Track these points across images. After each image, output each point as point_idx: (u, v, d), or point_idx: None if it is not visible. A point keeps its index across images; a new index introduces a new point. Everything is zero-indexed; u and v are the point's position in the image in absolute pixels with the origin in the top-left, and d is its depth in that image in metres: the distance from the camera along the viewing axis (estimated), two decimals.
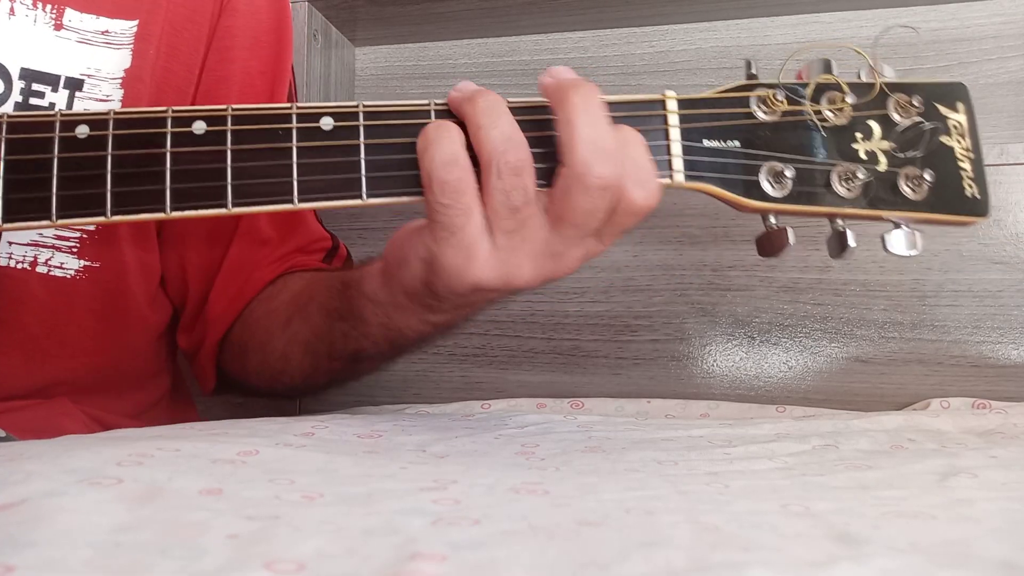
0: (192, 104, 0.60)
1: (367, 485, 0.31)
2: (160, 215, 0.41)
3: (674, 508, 0.30)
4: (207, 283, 0.65)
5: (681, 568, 0.23)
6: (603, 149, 0.40)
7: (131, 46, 0.58)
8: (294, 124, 0.42)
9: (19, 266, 0.55)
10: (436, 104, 0.43)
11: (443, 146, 0.40)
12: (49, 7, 0.55)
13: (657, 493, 0.33)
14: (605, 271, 0.89)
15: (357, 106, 0.43)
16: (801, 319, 0.85)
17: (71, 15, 0.56)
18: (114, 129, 0.42)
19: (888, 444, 0.49)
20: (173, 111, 0.42)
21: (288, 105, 0.43)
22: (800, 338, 0.85)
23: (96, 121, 0.42)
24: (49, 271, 0.56)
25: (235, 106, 0.42)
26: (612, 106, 0.44)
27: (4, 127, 0.42)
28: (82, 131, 0.42)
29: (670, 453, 0.44)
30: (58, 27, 0.55)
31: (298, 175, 0.42)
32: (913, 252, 0.46)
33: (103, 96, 0.57)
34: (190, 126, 0.42)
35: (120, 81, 0.57)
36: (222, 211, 0.42)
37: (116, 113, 0.42)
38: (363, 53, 1.04)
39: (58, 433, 0.40)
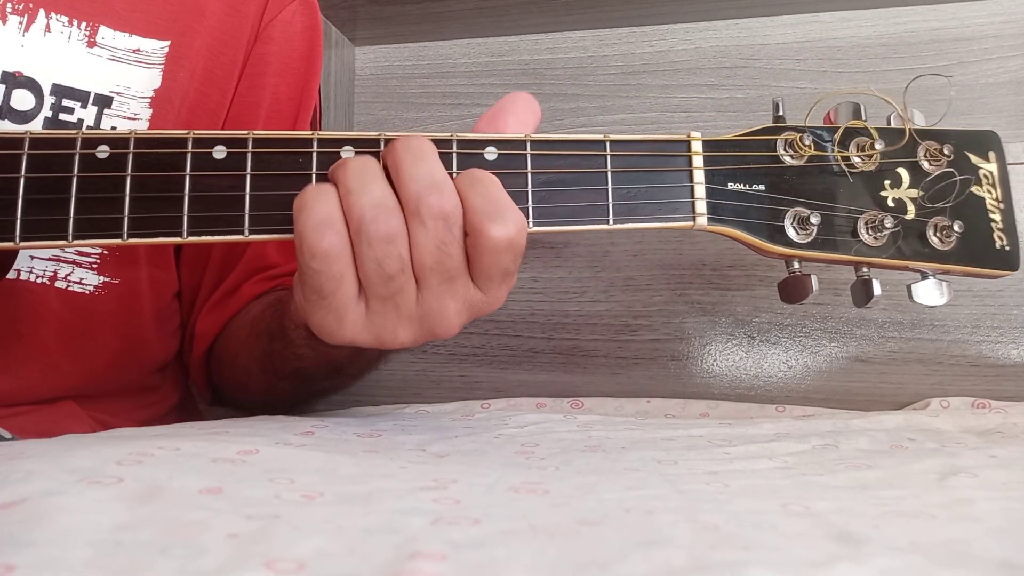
0: (222, 127, 0.61)
1: (367, 485, 0.31)
2: (176, 239, 0.41)
3: (674, 508, 0.30)
4: (206, 300, 0.65)
5: (681, 567, 0.23)
6: (432, 182, 0.39)
7: (162, 66, 0.58)
8: (315, 149, 0.42)
9: (39, 280, 0.55)
10: (458, 136, 0.43)
11: (317, 208, 0.39)
12: (84, 24, 0.55)
13: (657, 493, 0.33)
14: (605, 271, 0.89)
15: (378, 136, 0.43)
16: (801, 319, 0.85)
17: (105, 32, 0.56)
18: (134, 149, 0.42)
19: (888, 444, 0.49)
20: (194, 134, 0.42)
21: (310, 133, 0.43)
22: (800, 338, 0.85)
23: (117, 141, 0.42)
24: (68, 286, 0.56)
25: (256, 132, 0.42)
26: (637, 144, 0.44)
27: (27, 143, 0.41)
28: (103, 151, 0.42)
29: (670, 453, 0.44)
30: (91, 44, 0.56)
31: None
32: (941, 302, 0.46)
33: (131, 114, 0.57)
34: (211, 150, 0.42)
35: (149, 100, 0.58)
36: (239, 237, 0.41)
37: (137, 134, 0.42)
38: (363, 53, 1.04)
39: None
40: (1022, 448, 0.47)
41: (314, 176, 0.42)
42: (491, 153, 0.43)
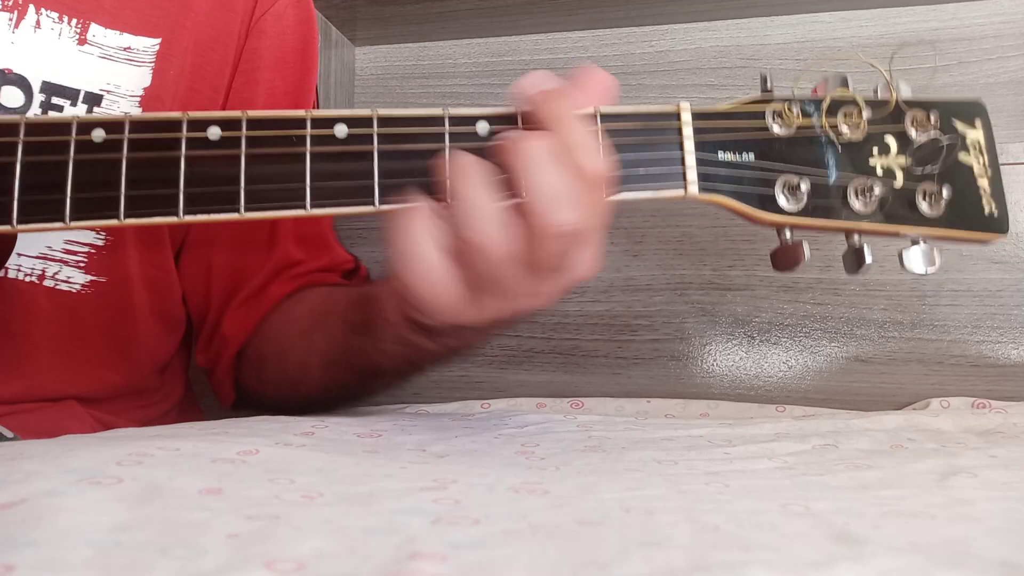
0: None
1: (367, 485, 0.31)
2: (173, 219, 0.41)
3: (674, 508, 0.30)
4: (228, 302, 0.65)
5: (681, 568, 0.23)
6: (551, 198, 0.38)
7: (152, 64, 0.58)
8: (308, 130, 0.42)
9: (27, 279, 0.55)
10: (450, 112, 0.43)
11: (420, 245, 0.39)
12: (75, 21, 0.55)
13: (657, 493, 0.33)
14: (605, 271, 0.89)
15: (371, 113, 0.43)
16: (801, 319, 0.85)
17: (95, 30, 0.56)
18: (129, 133, 0.42)
19: (888, 444, 0.49)
20: (189, 116, 0.42)
21: (303, 112, 0.43)
22: (800, 338, 0.85)
23: (112, 125, 0.42)
24: (56, 285, 0.56)
25: (250, 112, 0.42)
26: (626, 117, 0.44)
27: (22, 129, 0.42)
28: (98, 135, 0.42)
29: (670, 453, 0.44)
30: (82, 42, 0.55)
31: (311, 181, 0.42)
32: (931, 269, 0.46)
33: (121, 113, 0.57)
34: (205, 131, 0.42)
35: (139, 99, 0.58)
36: (235, 216, 0.42)
37: (132, 117, 0.42)
38: (363, 53, 1.04)
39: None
40: (1022, 448, 0.47)
41: (308, 154, 0.42)
42: (483, 128, 0.43)
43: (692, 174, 0.44)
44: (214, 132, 0.42)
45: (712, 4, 0.89)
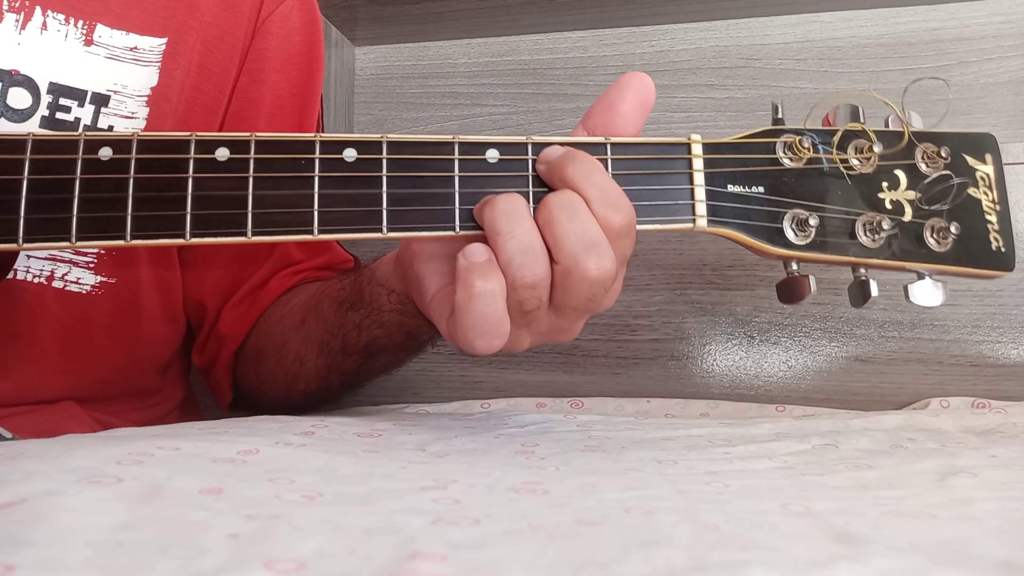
0: (221, 124, 0.61)
1: (367, 484, 0.31)
2: (179, 240, 0.41)
3: (674, 508, 0.30)
4: (225, 302, 0.65)
5: (681, 568, 0.23)
6: (589, 243, 0.39)
7: (159, 64, 0.58)
8: (317, 154, 0.42)
9: (36, 280, 0.55)
10: (460, 139, 0.43)
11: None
12: (81, 23, 0.55)
13: (657, 493, 0.33)
14: None
15: (381, 138, 0.43)
16: (801, 319, 0.85)
17: (102, 31, 0.56)
18: (137, 152, 0.42)
19: (888, 444, 0.49)
20: (197, 136, 0.42)
21: (312, 135, 0.43)
22: (800, 338, 0.85)
23: (119, 143, 0.42)
24: (65, 286, 0.56)
25: (259, 134, 0.42)
26: (637, 147, 0.44)
27: (29, 146, 0.41)
28: (105, 153, 0.42)
29: (670, 453, 0.44)
30: (88, 43, 0.55)
31: (319, 206, 0.42)
32: (937, 303, 0.46)
33: (128, 113, 0.57)
34: (213, 152, 0.42)
35: (146, 99, 0.58)
36: (241, 239, 0.41)
37: (139, 136, 0.42)
38: (363, 53, 1.04)
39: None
40: (1022, 448, 0.47)
41: (316, 179, 0.42)
42: (493, 156, 0.43)
43: (701, 208, 0.44)
44: (222, 153, 0.42)
45: (712, 4, 0.89)
